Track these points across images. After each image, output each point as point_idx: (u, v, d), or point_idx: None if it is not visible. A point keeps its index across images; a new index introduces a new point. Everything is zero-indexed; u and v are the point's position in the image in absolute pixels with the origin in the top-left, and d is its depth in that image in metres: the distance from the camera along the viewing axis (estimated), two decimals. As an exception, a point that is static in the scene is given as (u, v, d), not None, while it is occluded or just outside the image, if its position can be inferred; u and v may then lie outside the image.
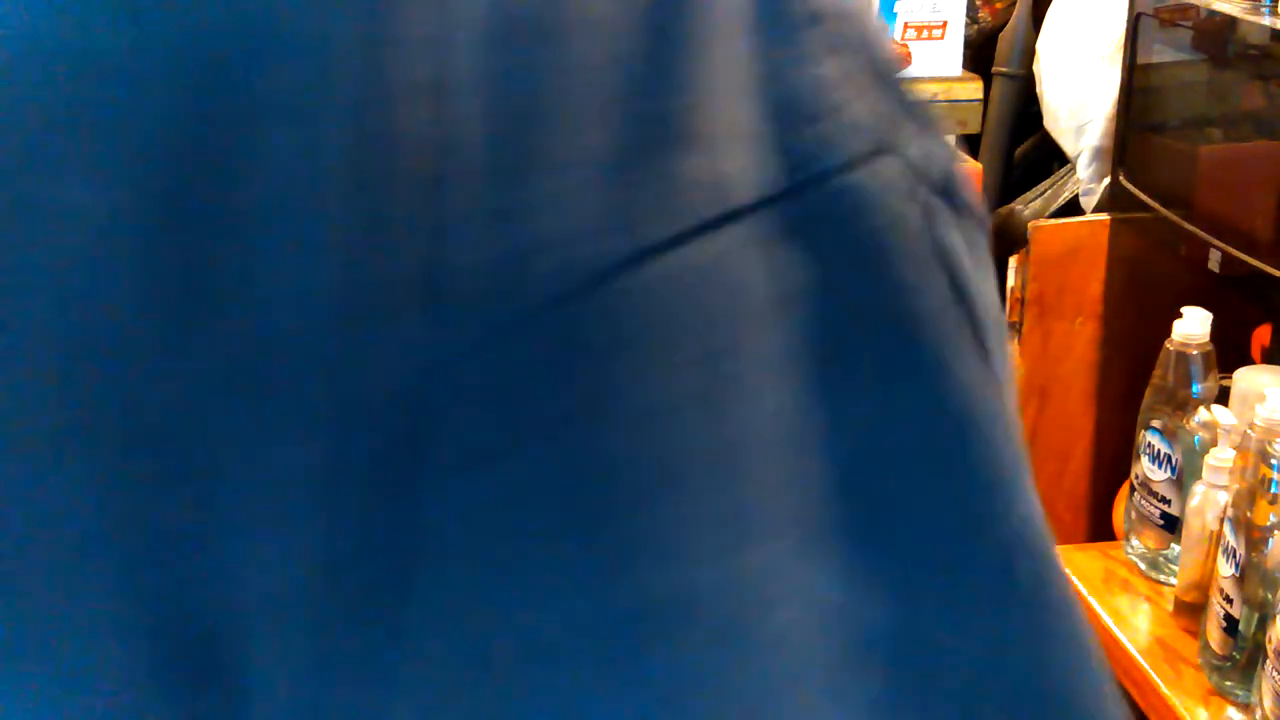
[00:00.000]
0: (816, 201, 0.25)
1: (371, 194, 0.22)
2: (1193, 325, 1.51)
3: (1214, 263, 1.58)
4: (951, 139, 2.08)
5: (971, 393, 0.26)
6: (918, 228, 0.26)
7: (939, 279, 0.26)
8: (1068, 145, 1.98)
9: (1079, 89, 1.94)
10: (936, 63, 1.98)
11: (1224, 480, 1.37)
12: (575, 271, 0.22)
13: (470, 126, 0.22)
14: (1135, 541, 1.59)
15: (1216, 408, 1.48)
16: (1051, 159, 2.14)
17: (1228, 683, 1.35)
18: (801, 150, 0.25)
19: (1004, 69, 2.16)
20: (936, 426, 0.26)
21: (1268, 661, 1.24)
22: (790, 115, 0.26)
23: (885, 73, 0.28)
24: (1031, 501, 0.28)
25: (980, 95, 2.01)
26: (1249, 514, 1.29)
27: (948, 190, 0.28)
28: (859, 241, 0.26)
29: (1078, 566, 1.61)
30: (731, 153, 0.25)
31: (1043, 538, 0.27)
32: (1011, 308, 1.93)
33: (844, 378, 0.25)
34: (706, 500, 0.23)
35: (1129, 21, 1.78)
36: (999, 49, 2.18)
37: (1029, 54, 2.10)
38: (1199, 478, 1.43)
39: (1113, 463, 1.91)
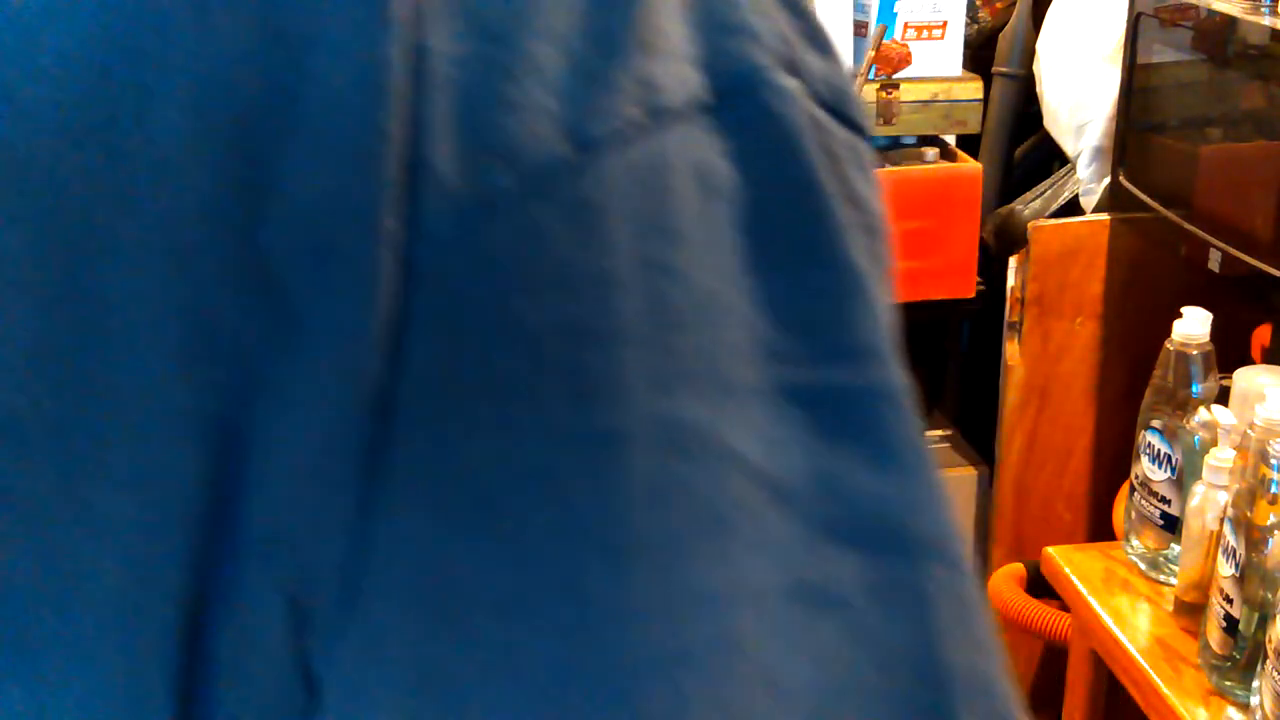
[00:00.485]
0: (735, 108, 0.30)
1: (374, 108, 0.26)
2: (1193, 325, 1.51)
3: (1214, 263, 1.58)
4: (951, 138, 2.08)
5: (873, 280, 0.31)
6: (816, 138, 0.31)
7: (836, 183, 0.31)
8: (1068, 145, 1.98)
9: (1079, 89, 1.94)
10: (936, 63, 1.98)
11: (1224, 480, 1.37)
12: (529, 169, 0.27)
13: (443, 47, 0.27)
14: (1135, 541, 1.59)
15: (1216, 408, 1.48)
16: (1051, 159, 2.14)
17: (1228, 683, 1.35)
18: (719, 61, 0.30)
19: (1004, 69, 2.16)
20: (845, 305, 0.31)
21: (1268, 661, 1.24)
22: (710, 28, 0.30)
23: None
24: (895, 361, 0.32)
25: (980, 95, 2.01)
26: (1249, 514, 1.29)
27: (841, 108, 0.32)
28: (772, 144, 0.30)
29: (1078, 566, 1.61)
30: (670, 57, 0.29)
31: (905, 393, 0.32)
32: (1011, 308, 1.93)
33: (768, 260, 0.30)
34: (647, 353, 0.28)
35: (1129, 21, 1.78)
36: (999, 49, 2.18)
37: (1029, 54, 2.10)
38: (1199, 478, 1.43)
39: (1113, 463, 1.91)
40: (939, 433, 2.09)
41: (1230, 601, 1.31)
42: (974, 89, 1.99)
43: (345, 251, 0.26)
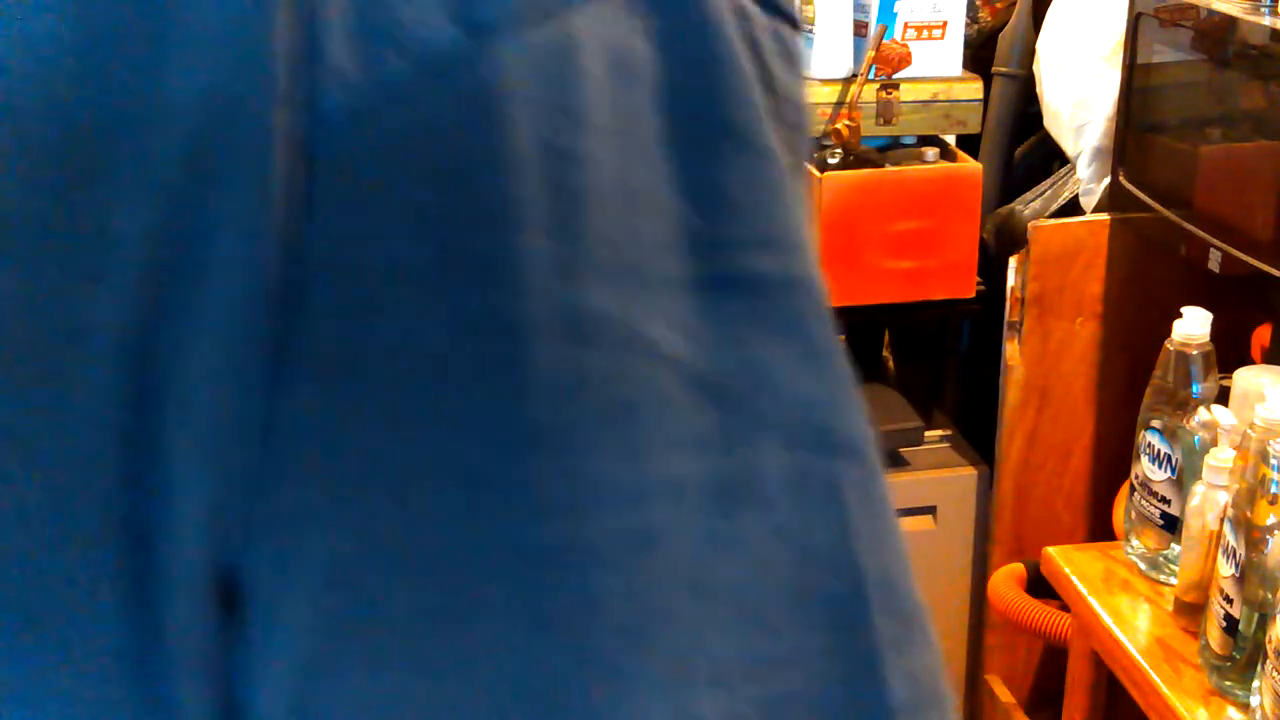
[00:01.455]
0: None
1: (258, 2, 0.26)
2: (1193, 325, 1.51)
3: (1214, 263, 1.58)
4: (951, 138, 2.08)
5: (779, 161, 0.31)
6: (735, 21, 0.30)
7: (756, 70, 0.31)
8: (1068, 145, 1.98)
9: (1079, 89, 1.94)
10: (936, 63, 1.98)
11: (1224, 480, 1.37)
12: (426, 53, 0.27)
13: None
14: (1135, 541, 1.59)
15: (1216, 408, 1.48)
16: (1051, 159, 2.14)
17: (1228, 683, 1.35)
18: None
19: (1004, 69, 2.16)
20: (767, 193, 0.30)
21: (1268, 661, 1.24)
22: None
23: None
24: (814, 260, 0.32)
25: (980, 95, 2.01)
26: (1249, 514, 1.29)
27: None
28: (696, 22, 0.30)
29: (1078, 566, 1.61)
30: None
31: (824, 293, 0.32)
32: (1012, 308, 1.93)
33: (685, 143, 0.29)
34: (553, 239, 0.27)
35: (1129, 21, 1.78)
36: (999, 49, 2.18)
37: (1029, 54, 2.10)
38: (1199, 478, 1.43)
39: (1113, 463, 1.91)
40: (939, 433, 2.09)
41: (1230, 601, 1.31)
42: (974, 89, 1.99)
43: (236, 149, 0.26)
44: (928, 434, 2.06)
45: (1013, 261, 1.92)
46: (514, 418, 0.27)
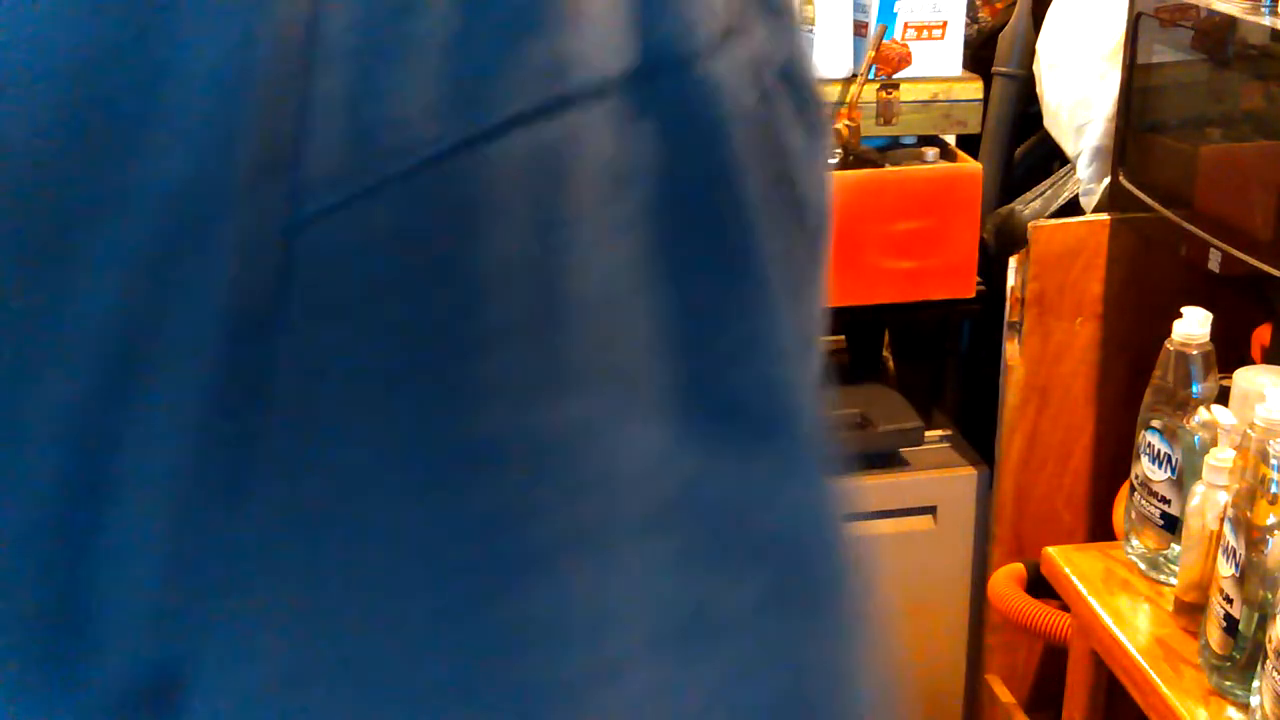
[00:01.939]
0: (667, 86, 0.28)
1: (239, 91, 0.25)
2: (1193, 325, 1.51)
3: (1214, 263, 1.58)
4: (951, 138, 2.08)
5: (778, 274, 0.29)
6: (756, 114, 0.29)
7: (768, 164, 0.29)
8: (1068, 145, 1.98)
9: (1079, 89, 1.94)
10: (936, 63, 1.98)
11: (1224, 480, 1.37)
12: (414, 151, 0.25)
13: (338, 17, 0.26)
14: (1135, 541, 1.59)
15: (1216, 408, 1.48)
16: (1051, 159, 2.14)
17: (1228, 683, 1.35)
18: (657, 31, 0.28)
19: (1004, 69, 2.16)
20: (751, 310, 0.29)
21: (1268, 661, 1.24)
22: None
23: None
24: (809, 368, 0.31)
25: (980, 95, 2.00)
26: (1249, 514, 1.29)
27: (790, 77, 0.30)
28: (700, 126, 0.28)
29: (1078, 566, 1.61)
30: (584, 32, 0.27)
31: (816, 405, 0.31)
32: (1012, 308, 1.93)
33: (675, 253, 0.28)
34: (530, 353, 0.26)
35: (1129, 21, 1.78)
36: (999, 49, 2.18)
37: (1029, 54, 2.10)
38: (1199, 478, 1.43)
39: (1113, 463, 1.91)
40: (939, 433, 2.09)
41: (1230, 601, 1.31)
42: (974, 89, 1.99)
43: (208, 239, 0.25)
44: (928, 434, 2.06)
45: (1013, 261, 1.92)
46: (475, 545, 0.26)
